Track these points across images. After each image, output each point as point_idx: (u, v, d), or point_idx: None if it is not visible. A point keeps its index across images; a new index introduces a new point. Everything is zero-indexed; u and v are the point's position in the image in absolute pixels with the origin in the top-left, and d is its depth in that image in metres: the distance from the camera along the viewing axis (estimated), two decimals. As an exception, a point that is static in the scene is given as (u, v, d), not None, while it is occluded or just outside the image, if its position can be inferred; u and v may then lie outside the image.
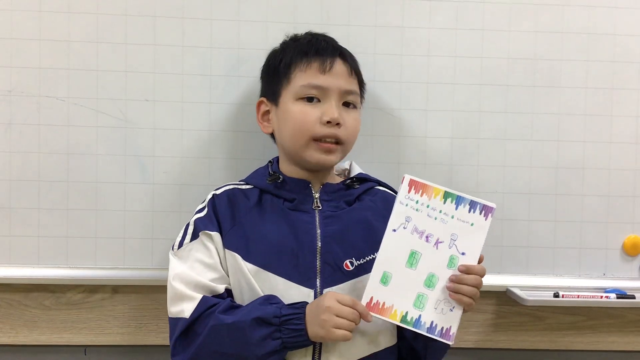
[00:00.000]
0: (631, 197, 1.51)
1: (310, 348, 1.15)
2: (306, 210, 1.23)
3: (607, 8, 1.49)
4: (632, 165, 1.51)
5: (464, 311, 1.13)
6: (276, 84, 1.26)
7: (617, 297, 1.46)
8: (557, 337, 1.56)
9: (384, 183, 1.34)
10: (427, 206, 1.13)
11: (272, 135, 1.32)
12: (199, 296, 1.15)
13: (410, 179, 1.14)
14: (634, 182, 1.51)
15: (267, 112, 1.29)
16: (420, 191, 1.13)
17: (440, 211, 1.13)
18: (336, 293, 1.12)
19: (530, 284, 1.49)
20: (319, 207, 1.23)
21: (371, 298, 1.11)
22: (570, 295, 1.46)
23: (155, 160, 1.45)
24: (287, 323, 1.10)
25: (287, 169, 1.27)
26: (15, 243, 1.44)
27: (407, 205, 1.13)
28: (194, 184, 1.45)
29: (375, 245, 1.15)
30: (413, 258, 1.13)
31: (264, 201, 1.24)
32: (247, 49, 1.44)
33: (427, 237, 1.13)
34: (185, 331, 1.15)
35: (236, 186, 1.27)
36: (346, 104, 1.25)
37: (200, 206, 1.26)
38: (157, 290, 1.47)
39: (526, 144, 1.50)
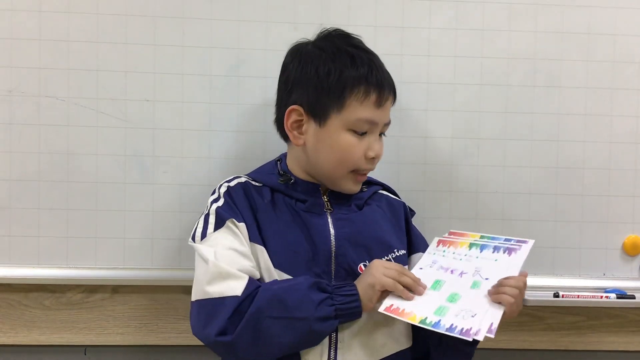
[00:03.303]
0: (631, 197, 1.51)
1: (326, 347, 1.14)
2: (318, 213, 1.22)
3: (607, 8, 1.49)
4: (632, 165, 1.51)
5: (507, 316, 1.10)
6: (325, 103, 1.18)
7: (617, 297, 1.46)
8: (557, 337, 1.56)
9: (387, 186, 1.34)
10: (453, 252, 1.23)
11: (284, 135, 1.26)
12: (246, 276, 1.11)
13: (439, 240, 1.27)
14: (634, 182, 1.51)
15: (300, 121, 1.21)
16: (448, 244, 1.25)
17: (465, 254, 1.22)
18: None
19: (530, 284, 1.47)
20: (330, 209, 1.23)
21: (391, 305, 1.12)
22: (570, 295, 1.46)
23: (155, 160, 1.45)
24: (340, 290, 1.11)
25: (298, 172, 1.25)
26: (15, 243, 1.44)
27: (434, 254, 1.25)
28: (194, 184, 1.45)
29: (387, 249, 1.17)
30: (437, 284, 1.16)
31: (277, 200, 1.22)
32: (247, 49, 1.44)
33: (452, 270, 1.19)
34: (238, 308, 1.08)
35: (248, 180, 1.25)
36: (380, 134, 1.24)
37: (214, 196, 1.22)
38: (157, 290, 1.47)
39: (526, 144, 1.50)
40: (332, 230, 1.19)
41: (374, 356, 1.17)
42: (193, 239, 1.18)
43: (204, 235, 1.17)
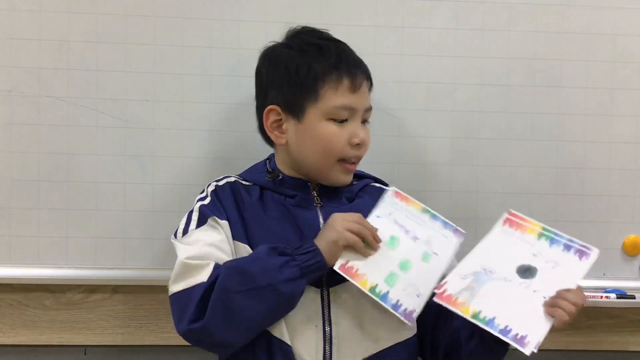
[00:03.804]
0: (631, 197, 1.51)
1: (321, 343, 1.14)
2: (308, 207, 1.22)
3: (607, 8, 1.49)
4: (632, 165, 1.51)
5: (554, 328, 1.06)
6: (300, 97, 1.19)
7: (617, 297, 1.46)
8: (557, 337, 1.55)
9: (380, 179, 1.34)
10: (406, 210, 1.21)
11: (268, 139, 1.28)
12: (212, 262, 1.11)
13: (396, 191, 1.22)
14: (634, 182, 1.51)
15: (279, 121, 1.22)
16: (405, 201, 1.22)
17: (417, 217, 1.21)
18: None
19: (530, 284, 1.49)
20: (320, 204, 1.23)
21: (347, 261, 1.12)
22: (570, 295, 1.46)
23: (155, 160, 1.45)
24: (299, 249, 1.11)
25: (286, 170, 1.26)
26: (15, 243, 1.44)
27: (390, 204, 1.21)
28: (194, 184, 1.45)
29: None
30: (392, 242, 1.16)
31: (265, 197, 1.23)
32: (247, 49, 1.44)
33: (406, 230, 1.18)
34: (205, 294, 1.08)
35: (237, 179, 1.26)
36: (363, 121, 1.24)
37: (202, 195, 1.24)
38: (157, 290, 1.47)
39: (526, 144, 1.50)
40: (322, 224, 1.19)
41: (370, 350, 1.16)
42: (175, 235, 1.19)
43: (185, 231, 1.18)
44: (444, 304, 1.09)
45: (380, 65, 1.46)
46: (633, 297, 1.47)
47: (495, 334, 1.05)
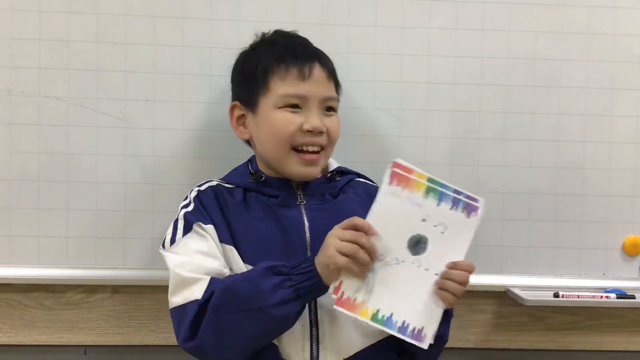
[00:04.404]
0: (631, 197, 1.51)
1: (308, 342, 1.14)
2: (291, 206, 1.22)
3: (607, 8, 1.49)
4: (632, 165, 1.51)
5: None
6: (252, 90, 1.23)
7: (617, 297, 1.46)
8: (557, 337, 1.56)
9: (363, 175, 1.34)
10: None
11: (247, 141, 1.30)
12: (206, 277, 1.11)
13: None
14: (634, 182, 1.51)
15: (242, 116, 1.27)
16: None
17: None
18: (350, 218, 1.08)
19: (530, 284, 1.49)
20: (303, 202, 1.23)
21: (342, 292, 1.06)
22: (570, 295, 1.46)
23: (155, 160, 1.45)
24: (297, 269, 1.08)
25: (266, 170, 1.27)
26: (15, 243, 1.44)
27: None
28: (194, 184, 1.44)
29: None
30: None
31: (249, 199, 1.23)
32: (247, 49, 1.44)
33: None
34: (199, 312, 1.09)
35: (220, 183, 1.27)
36: (327, 109, 1.24)
37: (185, 202, 1.24)
38: (157, 291, 1.47)
39: (526, 144, 1.50)
40: (306, 222, 1.19)
41: (356, 347, 1.15)
42: (163, 245, 1.20)
43: (173, 240, 1.19)
44: (344, 311, 1.06)
45: (380, 65, 1.47)
46: (633, 297, 1.47)
47: (394, 334, 1.05)
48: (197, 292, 1.10)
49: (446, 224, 1.04)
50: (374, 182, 1.33)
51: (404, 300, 1.04)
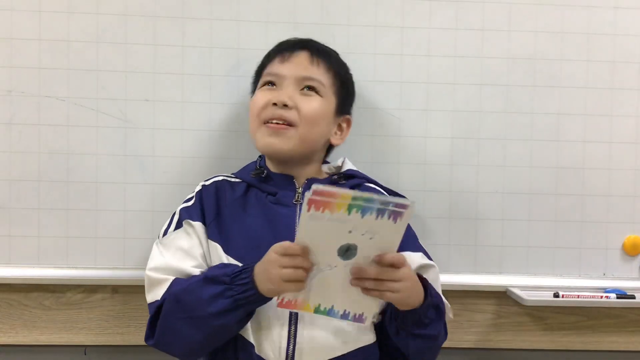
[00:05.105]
0: (631, 197, 1.51)
1: (285, 340, 1.14)
2: (287, 204, 1.23)
3: (607, 8, 1.49)
4: (632, 165, 1.51)
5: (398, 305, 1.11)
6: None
7: (617, 297, 1.46)
8: (557, 337, 1.56)
9: (374, 180, 1.33)
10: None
11: None
12: (171, 278, 1.16)
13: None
14: (634, 182, 1.51)
15: None
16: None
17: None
18: (282, 243, 1.04)
19: (530, 284, 1.49)
20: (299, 201, 1.23)
21: (283, 297, 1.06)
22: (570, 295, 1.46)
23: (155, 160, 1.45)
24: (237, 278, 1.08)
25: (271, 165, 1.29)
26: (15, 243, 1.44)
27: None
28: (194, 184, 1.44)
29: None
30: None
31: (249, 195, 1.25)
32: (247, 49, 1.44)
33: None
34: (156, 313, 1.16)
35: (226, 178, 1.29)
36: (307, 89, 1.24)
37: (189, 196, 1.27)
38: (157, 290, 1.47)
39: (526, 144, 1.50)
40: (298, 221, 1.19)
41: (336, 351, 1.16)
42: (159, 235, 1.25)
43: (165, 232, 1.23)
44: (289, 310, 1.10)
45: (380, 65, 1.47)
46: (633, 297, 1.47)
47: (338, 320, 1.09)
48: (159, 293, 1.16)
49: (373, 231, 1.03)
50: (384, 188, 1.33)
51: (342, 296, 1.08)
